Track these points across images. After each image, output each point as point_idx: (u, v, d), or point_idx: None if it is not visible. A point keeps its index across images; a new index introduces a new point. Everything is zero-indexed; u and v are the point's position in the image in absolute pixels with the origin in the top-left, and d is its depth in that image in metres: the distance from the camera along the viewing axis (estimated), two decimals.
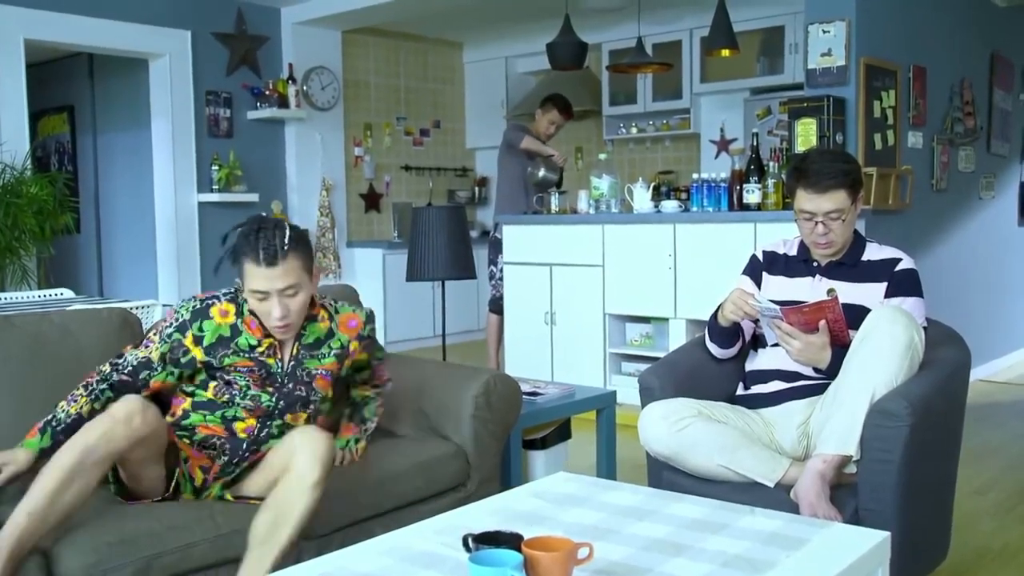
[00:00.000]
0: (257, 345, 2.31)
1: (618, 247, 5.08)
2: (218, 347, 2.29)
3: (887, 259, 2.66)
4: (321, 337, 2.39)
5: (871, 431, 2.24)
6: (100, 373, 2.28)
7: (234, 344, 2.30)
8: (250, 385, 2.30)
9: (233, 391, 2.29)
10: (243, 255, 2.26)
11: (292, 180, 7.04)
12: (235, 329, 2.31)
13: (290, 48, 6.97)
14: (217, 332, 2.30)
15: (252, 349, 2.30)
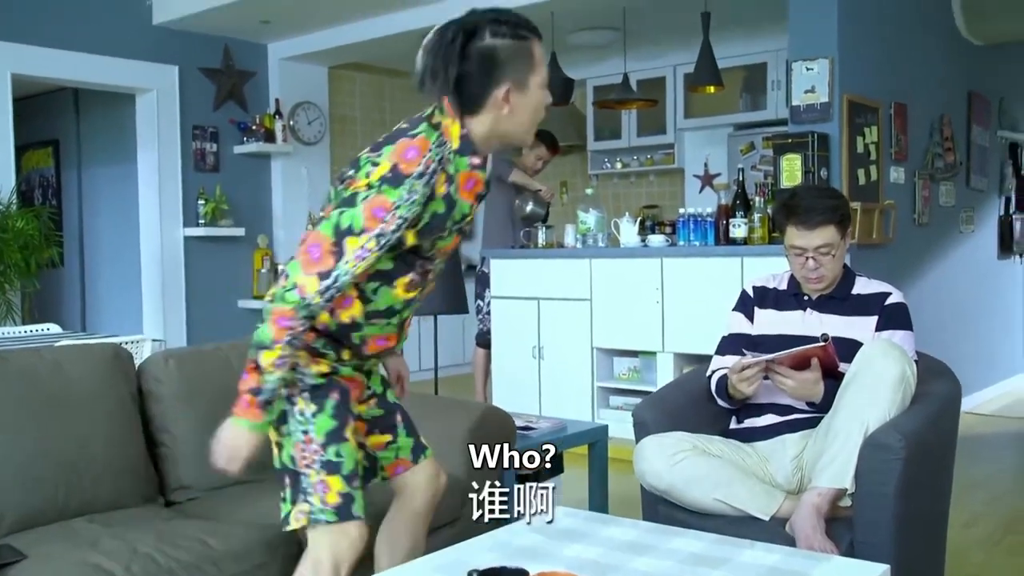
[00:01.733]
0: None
1: (606, 281, 5.10)
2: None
3: (877, 293, 2.70)
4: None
5: (865, 464, 2.26)
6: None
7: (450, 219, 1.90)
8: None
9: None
10: None
11: (278, 214, 7.05)
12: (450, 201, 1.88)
13: (277, 83, 7.01)
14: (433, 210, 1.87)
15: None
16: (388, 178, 1.82)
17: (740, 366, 2.56)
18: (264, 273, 6.88)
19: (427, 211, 1.86)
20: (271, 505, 2.39)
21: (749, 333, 2.81)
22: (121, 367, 2.59)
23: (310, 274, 1.81)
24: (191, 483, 2.62)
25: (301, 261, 1.83)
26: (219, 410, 2.63)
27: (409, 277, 1.98)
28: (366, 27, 6.40)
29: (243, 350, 2.76)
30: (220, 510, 2.46)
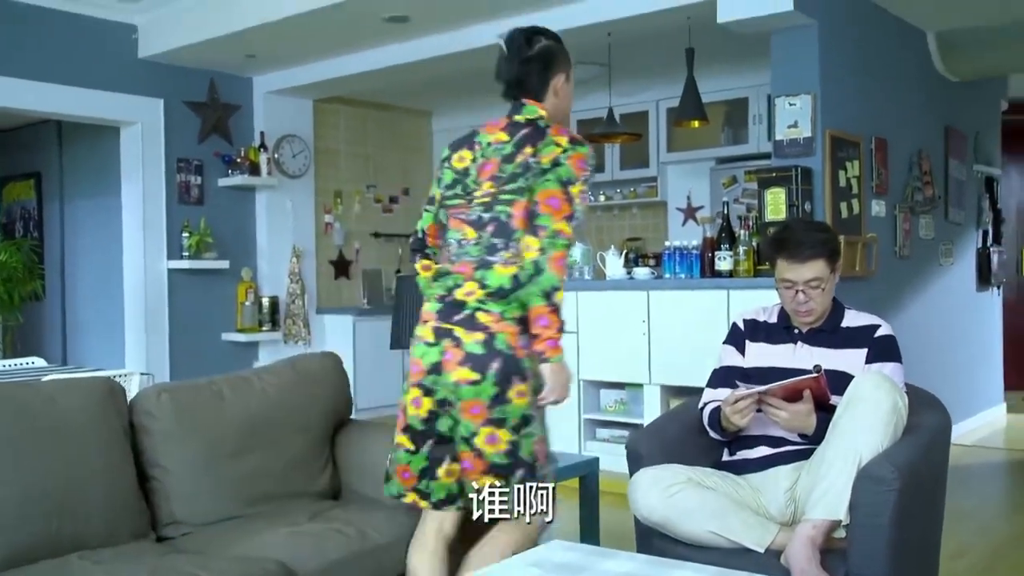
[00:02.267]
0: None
1: (592, 313, 5.13)
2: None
3: (866, 325, 2.73)
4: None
5: (860, 496, 2.28)
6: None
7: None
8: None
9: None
10: None
11: (263, 247, 7.04)
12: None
13: (261, 116, 7.03)
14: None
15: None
16: (577, 140, 2.39)
17: (734, 398, 2.58)
18: (248, 306, 6.86)
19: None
20: (264, 540, 2.39)
21: (740, 366, 2.83)
22: (114, 401, 2.57)
23: (560, 220, 2.28)
24: (183, 518, 2.60)
25: (548, 212, 2.28)
26: (213, 444, 2.64)
27: None
28: (350, 61, 6.45)
29: (236, 383, 2.78)
30: (213, 545, 2.44)
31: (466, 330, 2.29)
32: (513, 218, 2.32)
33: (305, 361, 3.02)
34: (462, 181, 2.47)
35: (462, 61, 6.07)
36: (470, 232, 2.41)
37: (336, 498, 2.92)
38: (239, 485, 2.68)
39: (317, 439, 2.91)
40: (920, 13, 5.54)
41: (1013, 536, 3.94)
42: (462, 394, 2.27)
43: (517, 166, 2.33)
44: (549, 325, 2.29)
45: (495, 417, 2.27)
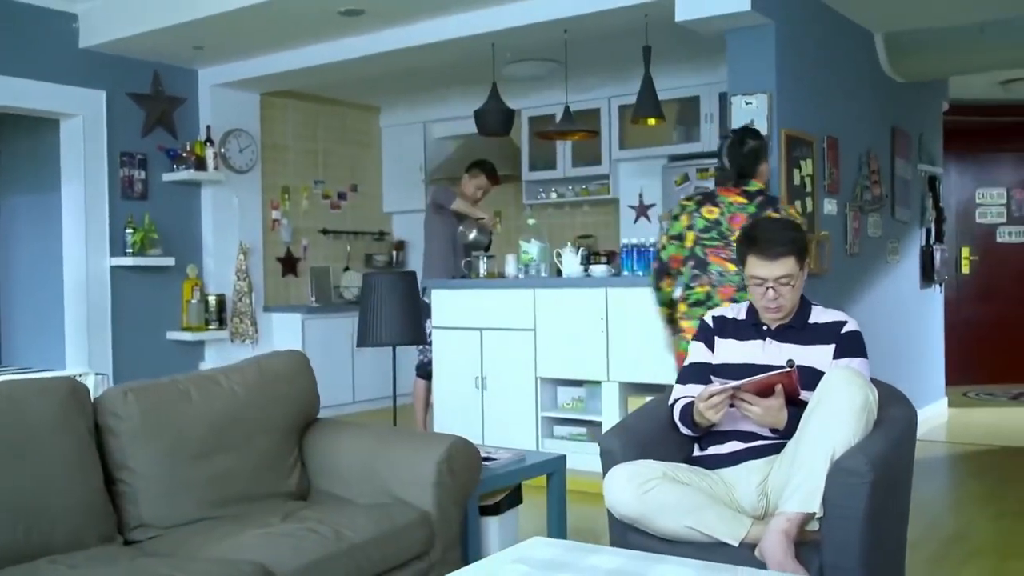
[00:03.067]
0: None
1: (550, 311, 5.16)
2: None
3: (833, 322, 2.81)
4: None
5: (833, 489, 2.34)
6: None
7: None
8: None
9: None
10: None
11: (208, 244, 6.94)
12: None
13: (207, 110, 6.92)
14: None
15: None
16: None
17: (707, 393, 2.62)
18: (194, 304, 6.75)
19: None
20: (238, 541, 2.38)
21: (710, 362, 2.88)
22: (78, 402, 2.52)
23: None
24: (151, 521, 2.56)
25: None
26: (181, 445, 2.61)
27: None
28: (300, 55, 6.39)
29: (203, 383, 2.75)
30: (184, 548, 2.41)
31: None
32: None
33: (272, 360, 2.99)
34: (716, 228, 3.76)
35: (414, 56, 6.06)
36: (731, 267, 3.70)
37: (304, 498, 2.90)
38: (207, 487, 2.65)
39: (286, 439, 2.89)
40: (868, 15, 5.69)
41: (961, 528, 4.07)
42: None
43: None
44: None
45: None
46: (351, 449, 2.90)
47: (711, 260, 3.75)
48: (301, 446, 2.97)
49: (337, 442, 2.94)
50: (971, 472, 5.10)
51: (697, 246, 3.80)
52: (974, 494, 4.69)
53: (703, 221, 3.78)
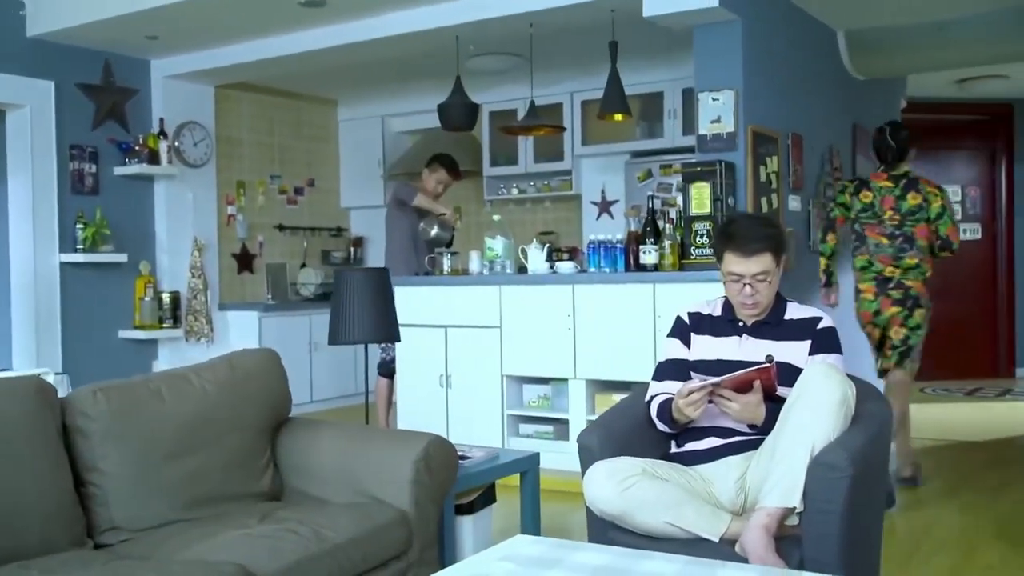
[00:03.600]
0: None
1: (516, 308, 5.18)
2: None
3: (808, 318, 2.86)
4: None
5: (814, 483, 2.39)
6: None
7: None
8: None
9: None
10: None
11: (162, 239, 6.85)
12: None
13: (160, 102, 6.83)
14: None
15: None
16: (937, 185, 4.83)
17: (687, 390, 2.66)
18: (147, 302, 6.66)
19: None
20: (216, 543, 2.36)
21: (686, 359, 2.92)
22: (46, 402, 2.48)
23: (957, 238, 4.77)
24: (121, 524, 2.54)
25: (952, 237, 4.78)
26: (152, 445, 2.58)
27: None
28: (257, 47, 6.33)
29: (173, 382, 2.73)
30: (159, 551, 2.39)
31: (894, 289, 4.76)
32: (916, 235, 4.74)
33: (243, 358, 2.97)
34: (870, 210, 4.82)
35: (377, 49, 6.04)
36: (884, 240, 4.79)
37: (278, 499, 2.88)
38: (179, 488, 2.63)
39: (258, 438, 2.87)
40: (831, 13, 5.79)
41: (927, 522, 4.17)
42: (892, 317, 4.77)
43: (911, 206, 4.74)
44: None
45: (907, 325, 4.77)
46: (326, 448, 2.89)
47: (868, 235, 4.84)
48: (273, 445, 2.95)
49: (311, 441, 2.93)
50: (932, 467, 5.22)
51: (856, 223, 4.88)
52: (937, 488, 4.80)
53: (860, 203, 4.84)
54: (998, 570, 3.50)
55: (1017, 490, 4.75)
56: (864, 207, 4.84)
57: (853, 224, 4.92)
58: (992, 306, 9.11)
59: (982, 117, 9.12)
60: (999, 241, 9.21)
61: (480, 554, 2.17)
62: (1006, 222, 9.24)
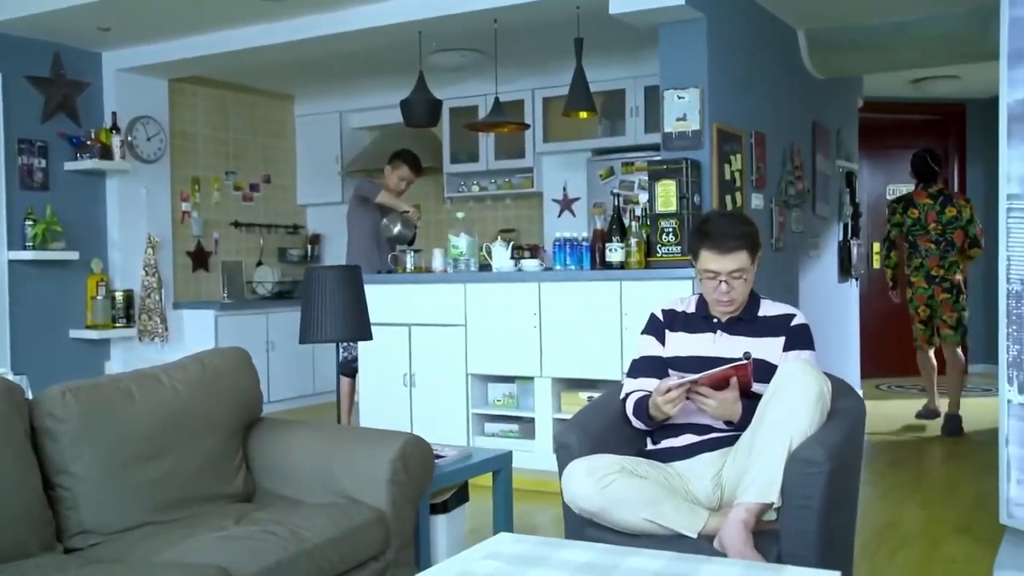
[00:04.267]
0: None
1: (481, 306, 5.19)
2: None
3: (782, 315, 2.92)
4: None
5: (792, 479, 2.44)
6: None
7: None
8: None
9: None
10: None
11: (115, 237, 6.73)
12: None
13: (113, 96, 6.72)
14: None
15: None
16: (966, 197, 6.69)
17: (665, 387, 2.69)
18: (99, 301, 6.55)
19: None
20: (190, 546, 2.35)
21: (661, 356, 2.96)
22: (13, 402, 2.44)
23: (982, 238, 6.34)
24: (92, 527, 2.50)
25: (980, 236, 6.34)
26: (123, 447, 2.55)
27: None
28: (213, 40, 6.26)
29: (143, 381, 2.70)
30: (133, 554, 2.36)
31: (941, 282, 6.28)
32: (955, 239, 6.23)
33: (214, 357, 2.95)
34: (918, 223, 6.31)
35: (337, 43, 6.01)
36: (932, 247, 6.28)
37: (250, 500, 2.87)
38: (151, 490, 2.60)
39: (230, 439, 2.85)
40: (792, 12, 5.88)
41: (891, 517, 4.27)
42: (943, 302, 6.27)
43: (949, 217, 6.23)
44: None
45: (956, 309, 6.24)
46: (299, 448, 2.88)
47: (920, 243, 6.38)
48: (245, 446, 2.93)
49: (284, 441, 2.92)
50: (892, 462, 5.34)
51: (909, 235, 6.42)
52: (898, 483, 4.91)
53: (909, 219, 6.40)
54: (962, 563, 3.60)
55: (974, 485, 4.86)
56: (912, 223, 6.40)
57: (907, 235, 6.45)
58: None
59: (935, 117, 9.32)
60: None
61: (464, 553, 2.18)
62: None
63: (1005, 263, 3.48)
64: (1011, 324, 3.48)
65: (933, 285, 6.38)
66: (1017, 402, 3.44)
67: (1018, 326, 3.45)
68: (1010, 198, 3.46)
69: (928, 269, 6.37)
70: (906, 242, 6.49)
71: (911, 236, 6.43)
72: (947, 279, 6.33)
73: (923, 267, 6.40)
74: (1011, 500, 3.47)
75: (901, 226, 6.48)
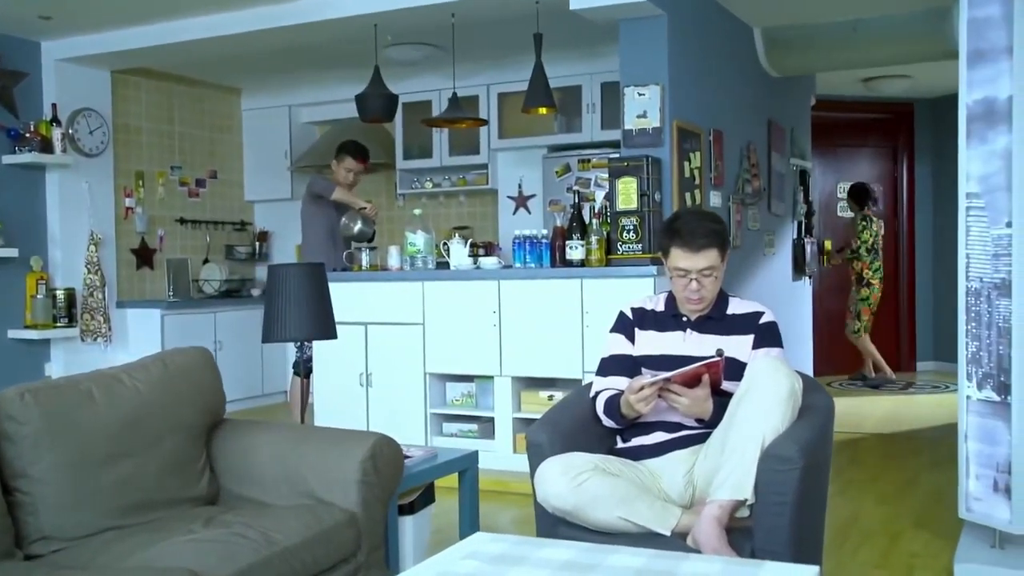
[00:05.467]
0: None
1: (439, 305, 5.20)
2: None
3: (751, 312, 2.97)
4: None
5: (765, 476, 2.49)
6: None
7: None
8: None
9: None
10: None
11: (55, 233, 6.60)
12: None
13: (53, 87, 6.59)
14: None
15: None
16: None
17: (638, 385, 2.73)
18: (40, 299, 6.42)
19: None
20: (159, 550, 2.33)
21: (630, 354, 3.00)
22: None
23: None
24: (53, 533, 2.46)
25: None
26: (85, 450, 2.52)
27: None
28: (156, 31, 6.17)
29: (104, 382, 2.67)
30: (97, 560, 2.33)
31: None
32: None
33: (175, 356, 2.92)
34: (878, 234, 8.27)
35: (286, 36, 5.96)
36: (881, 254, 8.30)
37: (214, 503, 2.84)
38: (114, 494, 2.57)
39: (194, 440, 2.83)
40: (749, 10, 5.98)
41: (851, 513, 4.37)
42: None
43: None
44: None
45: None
46: (265, 449, 2.86)
47: (879, 251, 8.11)
48: (209, 447, 2.90)
49: (249, 442, 2.90)
50: (849, 459, 5.46)
51: (874, 244, 8.11)
52: (855, 480, 5.03)
53: (874, 231, 8.10)
54: (923, 557, 3.70)
55: (928, 481, 5.00)
56: (875, 233, 8.19)
57: (871, 246, 8.23)
58: (894, 302, 9.53)
59: (886, 116, 9.54)
60: (900, 237, 9.64)
61: (442, 553, 2.20)
62: (907, 218, 9.67)
63: (964, 261, 3.59)
64: (970, 321, 3.59)
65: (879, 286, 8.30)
66: (976, 398, 3.56)
67: (977, 323, 3.57)
68: (969, 196, 3.57)
69: (883, 273, 8.24)
70: (871, 251, 8.17)
71: (875, 245, 8.17)
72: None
73: (880, 270, 8.17)
74: (970, 495, 3.59)
75: (868, 242, 8.17)
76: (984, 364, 3.52)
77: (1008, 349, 3.43)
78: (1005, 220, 3.45)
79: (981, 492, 3.55)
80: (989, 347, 3.51)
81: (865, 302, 8.27)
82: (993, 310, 3.49)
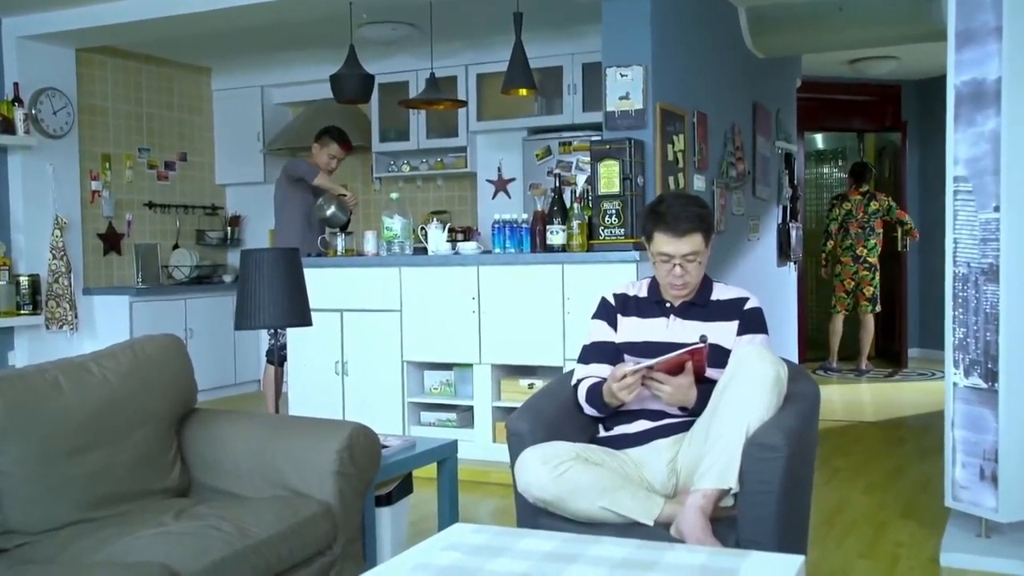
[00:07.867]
0: None
1: (416, 291, 5.19)
2: None
3: (735, 298, 2.99)
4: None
5: (750, 464, 2.51)
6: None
7: None
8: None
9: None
10: None
11: (18, 218, 6.53)
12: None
13: (15, 65, 6.50)
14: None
15: None
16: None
17: (621, 373, 2.74)
18: (2, 286, 6.35)
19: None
20: (129, 544, 2.32)
21: (613, 341, 3.01)
22: None
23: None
24: (17, 527, 2.45)
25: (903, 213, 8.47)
26: (51, 441, 2.51)
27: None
28: (122, 8, 6.10)
29: (72, 371, 2.65)
30: (65, 554, 2.32)
31: (863, 261, 8.55)
32: (876, 227, 8.43)
33: (145, 344, 2.90)
34: (850, 213, 8.40)
35: (257, 14, 5.90)
36: (859, 231, 8.40)
37: (185, 495, 2.83)
38: (82, 486, 2.56)
39: (164, 431, 2.81)
40: None
41: (837, 502, 4.41)
42: (863, 279, 8.52)
43: (874, 209, 8.41)
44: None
45: (872, 284, 8.56)
46: (238, 440, 2.86)
47: (851, 229, 8.34)
48: (179, 438, 2.89)
49: (221, 432, 2.90)
50: (835, 448, 5.51)
51: (843, 223, 8.40)
52: (841, 468, 5.07)
53: (843, 211, 8.40)
54: (908, 547, 3.74)
55: (915, 470, 5.05)
56: (846, 213, 8.41)
57: (841, 223, 8.45)
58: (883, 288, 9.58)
59: (872, 97, 9.58)
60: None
61: (422, 544, 2.20)
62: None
63: (952, 246, 3.62)
64: (957, 307, 3.62)
65: (857, 264, 8.35)
66: (963, 385, 3.60)
67: (964, 309, 3.60)
68: (957, 180, 3.60)
69: (855, 249, 8.35)
70: (841, 229, 8.43)
71: (844, 224, 8.41)
72: (867, 260, 8.35)
73: (852, 247, 8.38)
74: (956, 483, 3.63)
75: (837, 219, 8.43)
76: (971, 351, 3.56)
77: (996, 335, 3.47)
78: (993, 204, 3.48)
79: (968, 480, 3.59)
80: (976, 333, 3.55)
81: (837, 278, 8.55)
82: (981, 296, 3.53)
